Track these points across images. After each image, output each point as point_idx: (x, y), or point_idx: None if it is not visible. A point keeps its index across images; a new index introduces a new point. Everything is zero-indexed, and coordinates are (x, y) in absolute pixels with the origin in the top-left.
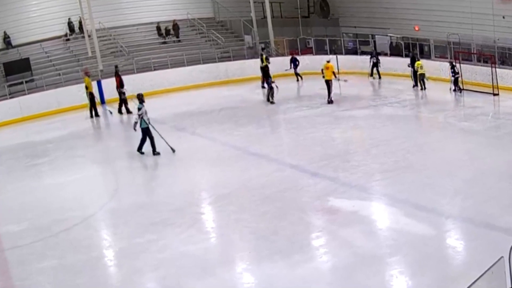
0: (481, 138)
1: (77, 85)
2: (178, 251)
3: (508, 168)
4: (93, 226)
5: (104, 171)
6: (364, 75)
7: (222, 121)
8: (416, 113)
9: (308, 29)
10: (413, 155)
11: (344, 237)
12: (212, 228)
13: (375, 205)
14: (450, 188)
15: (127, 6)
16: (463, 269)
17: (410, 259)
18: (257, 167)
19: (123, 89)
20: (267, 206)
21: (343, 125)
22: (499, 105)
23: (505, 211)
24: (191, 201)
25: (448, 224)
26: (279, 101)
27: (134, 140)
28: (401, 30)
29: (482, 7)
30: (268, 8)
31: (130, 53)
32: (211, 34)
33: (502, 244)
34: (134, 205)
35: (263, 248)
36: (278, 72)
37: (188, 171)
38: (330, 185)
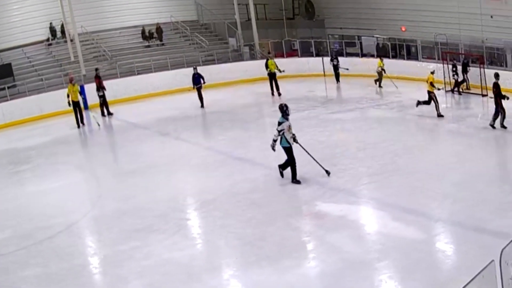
0: (470, 140)
1: (60, 91)
2: (162, 258)
3: (498, 170)
4: (77, 233)
5: (87, 178)
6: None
7: (207, 125)
8: (403, 115)
9: (293, 31)
10: (401, 158)
11: (332, 242)
12: (198, 234)
13: (363, 209)
14: (439, 192)
15: (110, 9)
16: (453, 274)
17: (399, 264)
18: (243, 172)
19: (101, 92)
20: (253, 211)
21: (330, 128)
22: (488, 106)
23: (495, 215)
24: (175, 207)
25: (437, 228)
26: (261, 104)
27: (117, 145)
28: (387, 31)
29: (469, 7)
30: (253, 10)
31: (113, 57)
32: (195, 37)
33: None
34: (118, 211)
35: (250, 254)
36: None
37: (172, 177)
38: (318, 190)
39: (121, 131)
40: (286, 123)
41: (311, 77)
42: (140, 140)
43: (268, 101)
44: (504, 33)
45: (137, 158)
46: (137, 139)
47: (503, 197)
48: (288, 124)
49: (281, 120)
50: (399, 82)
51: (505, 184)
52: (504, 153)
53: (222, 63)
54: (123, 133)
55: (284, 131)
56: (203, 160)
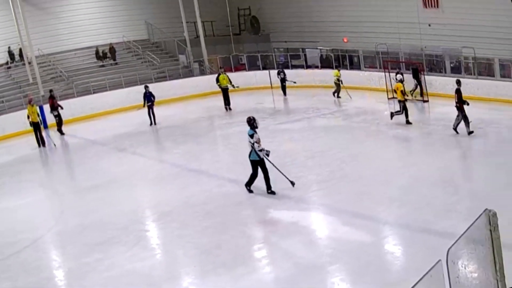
0: (413, 145)
1: (20, 112)
2: (124, 269)
3: (441, 174)
4: (42, 248)
5: (50, 195)
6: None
7: (161, 140)
8: (349, 123)
9: (240, 46)
10: (348, 165)
11: (285, 248)
12: (157, 245)
13: (313, 215)
14: (386, 196)
15: (64, 32)
16: (402, 274)
17: (350, 267)
18: (197, 184)
19: (55, 112)
20: (209, 221)
21: (279, 138)
22: (429, 112)
23: (440, 216)
24: (135, 220)
25: (385, 231)
26: (211, 118)
27: (77, 162)
28: (330, 42)
29: (408, 16)
30: (201, 28)
31: (69, 77)
32: (146, 55)
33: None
34: (80, 226)
35: (207, 262)
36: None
37: (131, 191)
38: (269, 198)
39: (80, 148)
40: (257, 136)
41: (259, 90)
42: (98, 157)
43: (218, 114)
44: (442, 41)
45: (97, 173)
46: (95, 156)
47: (447, 198)
48: (258, 137)
49: (251, 133)
50: (343, 91)
51: (448, 186)
52: (446, 156)
53: (174, 80)
54: (82, 150)
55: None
56: (159, 174)
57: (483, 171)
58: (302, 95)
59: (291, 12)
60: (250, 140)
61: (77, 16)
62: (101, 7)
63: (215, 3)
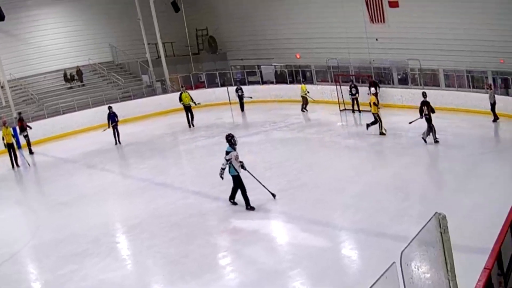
0: (365, 153)
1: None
2: (97, 279)
3: (393, 180)
4: (20, 262)
5: (26, 211)
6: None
7: (128, 156)
8: (304, 135)
9: (199, 64)
10: (304, 175)
11: (248, 255)
12: (127, 255)
13: (274, 223)
14: (341, 203)
15: (34, 56)
16: (359, 277)
17: (309, 271)
18: (164, 196)
19: (25, 133)
20: (176, 231)
21: (239, 151)
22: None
23: (393, 221)
24: (106, 232)
25: (342, 236)
26: (175, 133)
27: (50, 180)
28: (284, 59)
29: (356, 32)
30: (161, 49)
31: (40, 99)
32: (111, 76)
33: (393, 251)
34: (55, 240)
35: (175, 271)
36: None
37: (101, 205)
38: (232, 208)
39: (52, 166)
40: (233, 153)
41: (218, 106)
42: (70, 174)
43: (181, 130)
44: (389, 54)
45: (69, 190)
46: (67, 173)
47: (399, 204)
48: (236, 154)
49: (229, 150)
50: (298, 104)
51: (400, 192)
52: (396, 163)
53: (138, 98)
54: (54, 168)
55: (232, 160)
56: (128, 188)
57: (432, 177)
58: (258, 109)
59: (246, 31)
60: (225, 157)
61: (45, 41)
62: (68, 32)
63: (174, 25)
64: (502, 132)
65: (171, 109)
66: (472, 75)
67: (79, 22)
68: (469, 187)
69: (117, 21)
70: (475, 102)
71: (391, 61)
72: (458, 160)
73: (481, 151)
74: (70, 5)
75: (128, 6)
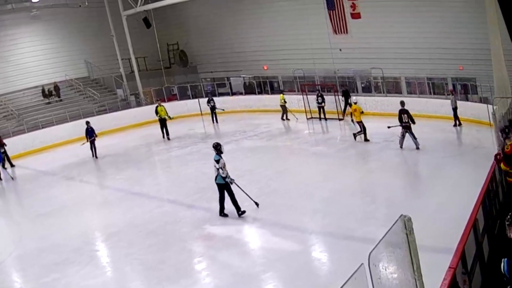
0: (332, 160)
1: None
2: (79, 286)
3: (359, 185)
4: (5, 272)
5: (8, 222)
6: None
7: (105, 167)
8: (273, 143)
9: (171, 78)
10: (275, 182)
11: (222, 259)
12: (107, 263)
13: (246, 229)
14: (310, 208)
15: (12, 73)
16: (329, 278)
17: (282, 274)
18: (140, 206)
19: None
20: (152, 239)
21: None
22: (345, 129)
23: (361, 224)
24: (86, 241)
25: (312, 239)
26: (149, 145)
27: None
28: (252, 70)
29: (320, 42)
30: (135, 63)
31: (20, 115)
32: (87, 91)
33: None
34: (37, 249)
35: (152, 277)
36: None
37: (81, 215)
38: (206, 215)
39: (32, 179)
40: (222, 160)
41: (190, 117)
42: (50, 186)
43: (155, 141)
44: (352, 63)
45: (49, 201)
46: (47, 185)
47: (365, 207)
48: (223, 162)
49: (217, 158)
50: (266, 114)
51: (366, 196)
52: (363, 168)
53: (113, 112)
54: (35, 181)
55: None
56: (106, 198)
57: (397, 181)
58: (229, 119)
59: (215, 44)
60: (216, 165)
61: (24, 59)
62: (45, 49)
63: (146, 40)
64: (462, 136)
65: (145, 121)
66: (433, 82)
67: (56, 40)
68: (433, 190)
69: (91, 38)
70: (436, 107)
71: (354, 70)
72: (422, 164)
73: (443, 155)
74: (47, 23)
75: (102, 23)
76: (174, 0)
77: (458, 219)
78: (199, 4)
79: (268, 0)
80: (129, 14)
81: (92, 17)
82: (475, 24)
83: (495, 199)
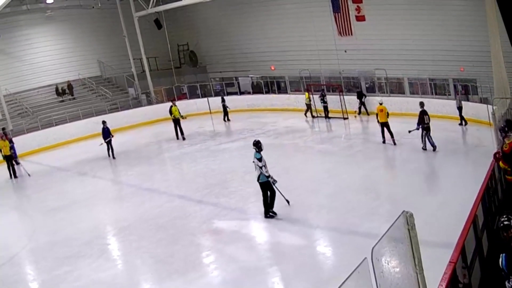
0: (337, 157)
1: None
2: (90, 278)
3: (363, 182)
4: (18, 264)
5: (22, 217)
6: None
7: (117, 163)
8: (280, 141)
9: (181, 77)
10: (281, 178)
11: (230, 253)
12: (118, 256)
13: (253, 224)
14: (315, 203)
15: (27, 72)
16: (333, 272)
17: (287, 267)
18: (151, 201)
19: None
20: (162, 233)
21: (220, 157)
22: (349, 128)
23: (364, 219)
24: (97, 235)
25: (317, 234)
26: (160, 142)
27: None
28: (259, 70)
29: (326, 44)
30: (146, 63)
31: (34, 112)
32: (100, 90)
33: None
34: (50, 243)
35: (162, 270)
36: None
37: (93, 210)
38: (214, 210)
39: (46, 174)
40: (263, 159)
41: (199, 115)
42: (63, 181)
43: (165, 139)
44: (357, 64)
45: (62, 196)
46: (60, 180)
47: (369, 203)
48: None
49: (259, 156)
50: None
51: (370, 192)
52: (366, 166)
53: (125, 110)
54: (48, 176)
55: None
56: (117, 193)
57: (400, 178)
58: (237, 118)
59: (224, 45)
60: (258, 163)
61: (38, 58)
62: (59, 49)
63: (157, 41)
64: (463, 135)
65: (156, 119)
66: (435, 83)
67: (69, 40)
68: (435, 187)
69: (104, 38)
70: (438, 107)
71: (359, 71)
72: (423, 162)
73: (445, 153)
74: (61, 24)
75: (114, 24)
76: (185, 2)
77: (459, 215)
78: (209, 6)
79: (276, 3)
80: (140, 15)
81: (104, 18)
82: (476, 27)
83: (494, 196)
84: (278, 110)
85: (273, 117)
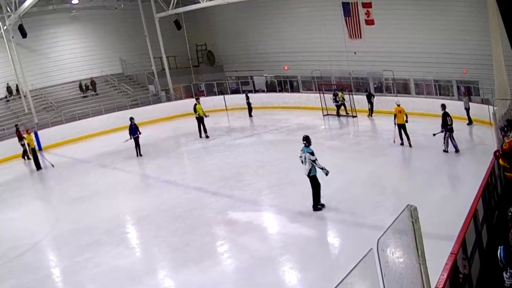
0: (346, 153)
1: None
2: (110, 265)
3: (370, 177)
4: (41, 251)
5: (45, 206)
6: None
7: (137, 157)
8: (291, 137)
9: (199, 75)
10: (292, 172)
11: (243, 243)
12: (136, 244)
13: (265, 215)
14: (325, 196)
15: (52, 69)
16: (341, 262)
17: (297, 257)
18: (168, 192)
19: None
20: (179, 223)
21: (235, 151)
22: (358, 125)
23: (371, 212)
24: (117, 224)
25: (326, 225)
26: (177, 137)
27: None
28: (273, 70)
29: (337, 46)
30: (166, 62)
31: (58, 107)
32: (121, 86)
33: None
34: (71, 231)
35: (178, 258)
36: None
37: (113, 200)
38: (228, 202)
39: (69, 166)
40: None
41: (216, 112)
42: (85, 173)
43: (183, 133)
44: (366, 65)
45: (84, 187)
46: (83, 172)
47: (375, 197)
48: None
49: (310, 151)
50: (286, 110)
51: (376, 187)
52: (373, 162)
53: (145, 106)
54: (71, 168)
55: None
56: (137, 185)
57: (405, 173)
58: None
59: (240, 46)
60: (311, 157)
61: (63, 55)
62: (83, 47)
63: (177, 41)
64: (465, 134)
65: (175, 115)
66: (439, 84)
67: (93, 39)
68: (438, 183)
69: (126, 38)
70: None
71: (367, 72)
72: (427, 159)
73: (448, 151)
74: (85, 23)
75: (136, 24)
76: (203, 4)
77: (460, 210)
78: (226, 9)
79: (289, 7)
80: (161, 16)
81: (127, 18)
82: (478, 32)
83: (494, 192)
84: (290, 108)
85: (286, 115)
